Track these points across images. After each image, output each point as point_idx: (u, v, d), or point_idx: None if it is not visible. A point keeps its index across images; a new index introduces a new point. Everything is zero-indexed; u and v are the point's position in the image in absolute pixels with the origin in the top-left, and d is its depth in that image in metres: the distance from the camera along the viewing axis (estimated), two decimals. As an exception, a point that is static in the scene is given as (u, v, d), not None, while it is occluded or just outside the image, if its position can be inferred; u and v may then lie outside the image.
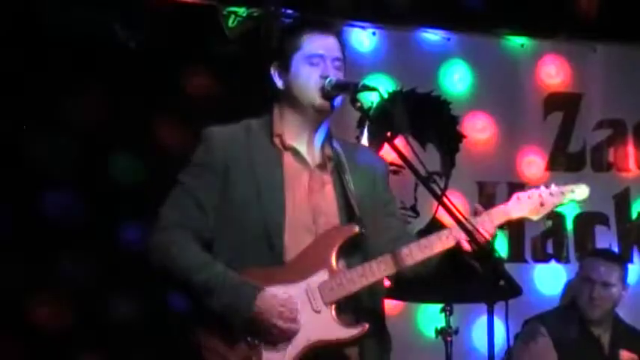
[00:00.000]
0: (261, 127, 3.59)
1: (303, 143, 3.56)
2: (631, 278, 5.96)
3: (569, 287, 5.70)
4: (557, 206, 3.59)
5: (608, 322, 5.44)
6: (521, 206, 3.54)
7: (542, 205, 3.56)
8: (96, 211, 5.26)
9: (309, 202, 3.50)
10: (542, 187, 3.58)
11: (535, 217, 3.57)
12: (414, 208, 5.92)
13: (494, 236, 3.46)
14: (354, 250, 3.48)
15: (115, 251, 5.19)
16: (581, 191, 3.61)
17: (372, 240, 3.50)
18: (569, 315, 5.43)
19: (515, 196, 3.56)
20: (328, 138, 3.61)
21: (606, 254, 5.71)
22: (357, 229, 3.46)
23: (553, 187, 3.59)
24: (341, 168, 3.55)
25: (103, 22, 5.32)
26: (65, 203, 5.22)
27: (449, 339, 4.90)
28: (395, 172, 5.01)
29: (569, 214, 6.22)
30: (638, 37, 6.30)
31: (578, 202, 3.64)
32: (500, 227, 3.52)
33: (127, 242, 5.10)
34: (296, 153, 3.55)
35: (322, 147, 3.59)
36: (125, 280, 5.13)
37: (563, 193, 3.59)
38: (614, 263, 5.54)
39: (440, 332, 4.91)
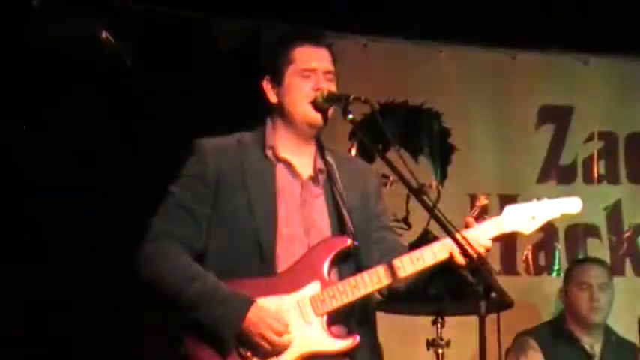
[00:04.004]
0: (253, 140, 3.59)
1: (295, 155, 3.56)
2: (622, 290, 5.97)
3: (559, 300, 5.69)
4: (549, 220, 3.57)
5: (600, 333, 5.44)
6: (513, 220, 3.52)
7: (534, 218, 3.53)
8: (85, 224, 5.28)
9: (300, 214, 3.49)
10: (535, 200, 3.57)
11: (527, 231, 3.54)
12: (405, 221, 5.92)
13: (486, 249, 3.45)
14: (346, 262, 3.47)
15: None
16: (574, 204, 3.59)
17: (364, 252, 3.49)
18: (560, 328, 5.44)
19: (507, 209, 3.53)
20: (321, 150, 3.61)
21: (593, 259, 5.75)
22: (349, 241, 3.45)
23: (545, 201, 3.56)
24: (333, 180, 3.55)
25: (93, 35, 5.33)
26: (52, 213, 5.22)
27: (440, 351, 4.91)
28: (386, 185, 5.02)
29: (561, 226, 6.23)
30: (630, 50, 6.32)
31: (571, 215, 3.62)
32: (492, 240, 3.50)
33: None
34: (288, 165, 3.54)
35: (314, 159, 3.58)
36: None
37: (555, 207, 3.57)
38: (602, 265, 5.58)
39: (431, 344, 4.92)
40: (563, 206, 3.58)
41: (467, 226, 3.47)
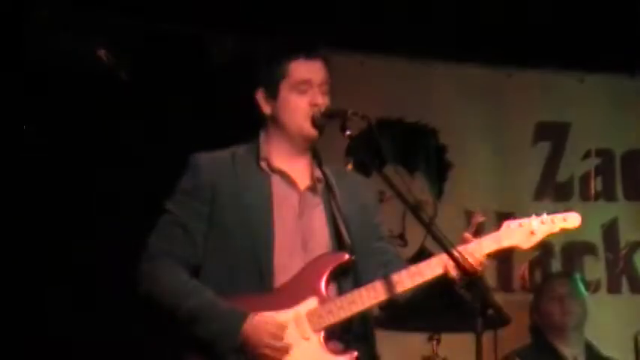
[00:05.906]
0: (247, 152, 3.58)
1: (291, 165, 3.56)
2: (619, 308, 5.96)
3: (535, 319, 5.68)
4: (548, 235, 3.57)
5: (579, 343, 5.46)
6: (512, 235, 3.52)
7: (532, 233, 3.54)
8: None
9: (299, 225, 3.49)
10: (534, 216, 3.57)
11: (525, 246, 3.54)
12: (402, 237, 5.91)
13: (483, 265, 3.44)
14: (345, 275, 3.47)
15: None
16: (573, 219, 3.60)
17: (364, 264, 3.48)
18: (544, 344, 5.45)
19: (505, 224, 3.54)
20: (318, 161, 3.60)
21: (559, 273, 5.86)
22: (347, 256, 3.45)
23: (544, 216, 3.57)
24: (331, 190, 3.54)
25: (91, 50, 5.35)
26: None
27: (437, 368, 4.90)
28: (383, 201, 5.01)
29: (557, 243, 6.22)
30: (625, 68, 6.33)
31: (570, 230, 3.62)
32: (490, 256, 3.50)
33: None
34: (284, 175, 3.54)
35: (311, 169, 3.58)
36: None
37: (554, 222, 3.57)
38: (567, 277, 5.70)
39: (428, 361, 4.91)
40: (563, 221, 3.58)
41: (465, 242, 3.46)
